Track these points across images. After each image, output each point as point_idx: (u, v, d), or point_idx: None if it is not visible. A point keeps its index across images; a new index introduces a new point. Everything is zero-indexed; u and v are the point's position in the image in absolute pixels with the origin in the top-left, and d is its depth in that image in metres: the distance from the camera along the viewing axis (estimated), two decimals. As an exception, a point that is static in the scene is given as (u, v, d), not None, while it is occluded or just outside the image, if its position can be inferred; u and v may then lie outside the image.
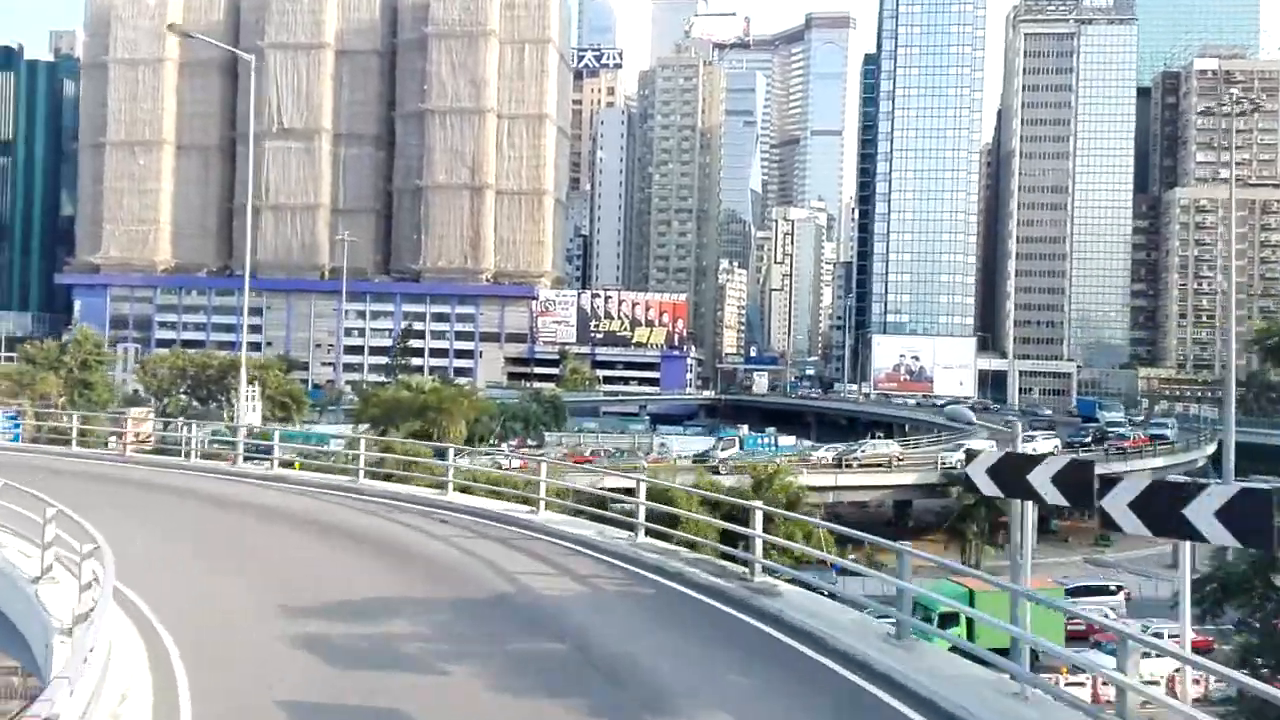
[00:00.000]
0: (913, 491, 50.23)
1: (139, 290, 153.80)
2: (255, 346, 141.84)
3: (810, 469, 47.55)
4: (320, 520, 15.03)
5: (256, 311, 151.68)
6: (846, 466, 48.70)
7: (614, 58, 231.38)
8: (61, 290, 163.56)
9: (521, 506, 16.29)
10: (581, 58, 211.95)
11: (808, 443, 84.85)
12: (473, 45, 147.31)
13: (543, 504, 15.69)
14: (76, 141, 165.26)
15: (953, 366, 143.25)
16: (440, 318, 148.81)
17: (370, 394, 72.44)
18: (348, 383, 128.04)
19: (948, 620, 27.44)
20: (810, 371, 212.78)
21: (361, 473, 18.00)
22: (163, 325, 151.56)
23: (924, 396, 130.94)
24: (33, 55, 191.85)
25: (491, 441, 77.42)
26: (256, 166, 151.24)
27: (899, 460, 50.66)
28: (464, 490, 18.10)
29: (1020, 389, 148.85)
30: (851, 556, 46.83)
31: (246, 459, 20.51)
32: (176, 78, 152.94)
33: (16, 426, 54.99)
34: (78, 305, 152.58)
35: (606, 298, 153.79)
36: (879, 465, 49.79)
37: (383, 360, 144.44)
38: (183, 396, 79.62)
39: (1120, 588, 41.75)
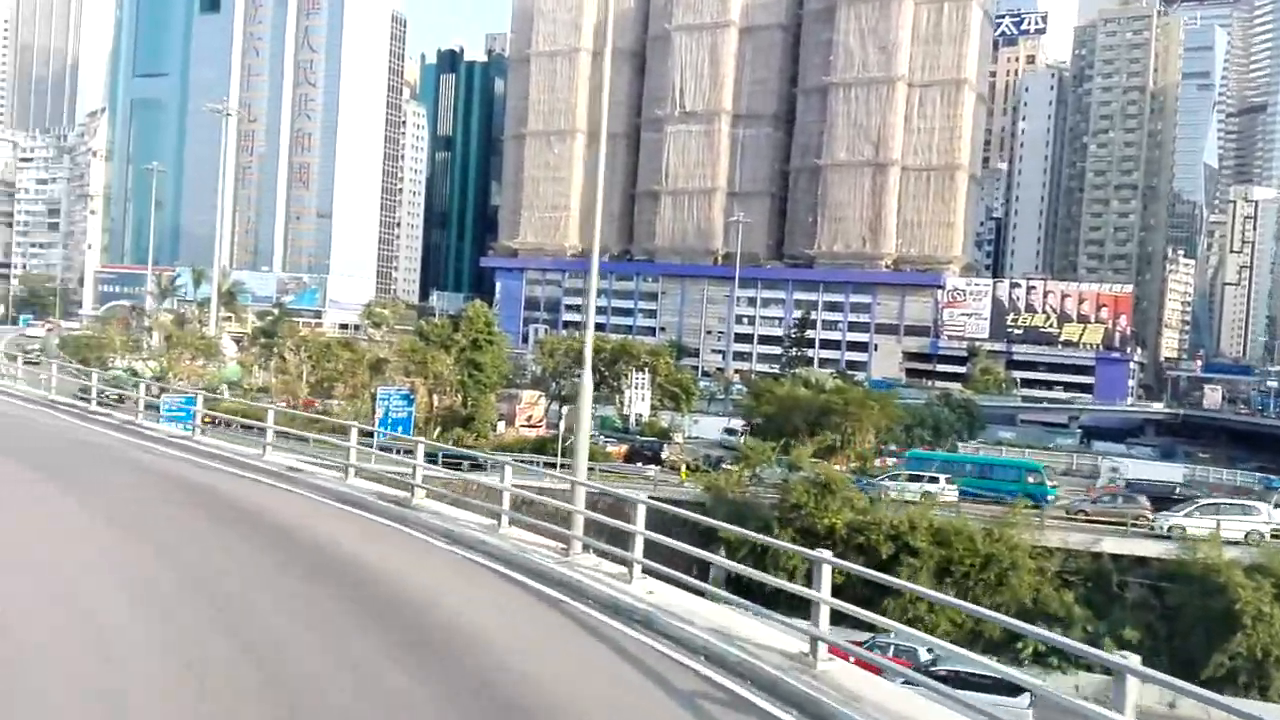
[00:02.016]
0: None
1: (549, 274, 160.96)
2: (649, 331, 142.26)
3: None
4: None
5: (652, 296, 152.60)
6: None
7: (1035, 22, 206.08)
8: (488, 273, 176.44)
9: None
10: (998, 25, 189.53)
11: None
12: (885, 9, 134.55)
13: None
14: (504, 134, 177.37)
15: None
16: (833, 306, 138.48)
17: (762, 388, 63.95)
18: (736, 372, 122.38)
19: None
20: (1274, 384, 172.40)
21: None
22: (569, 308, 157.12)
23: None
24: (471, 57, 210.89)
25: (892, 449, 65.88)
26: (657, 151, 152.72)
27: None
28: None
29: None
30: None
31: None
32: (590, 67, 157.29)
33: (409, 405, 53.62)
34: (499, 287, 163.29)
35: (1029, 288, 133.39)
36: None
37: (772, 350, 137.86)
38: (576, 379, 76.76)
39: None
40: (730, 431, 67.84)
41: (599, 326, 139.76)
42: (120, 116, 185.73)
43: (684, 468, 42.04)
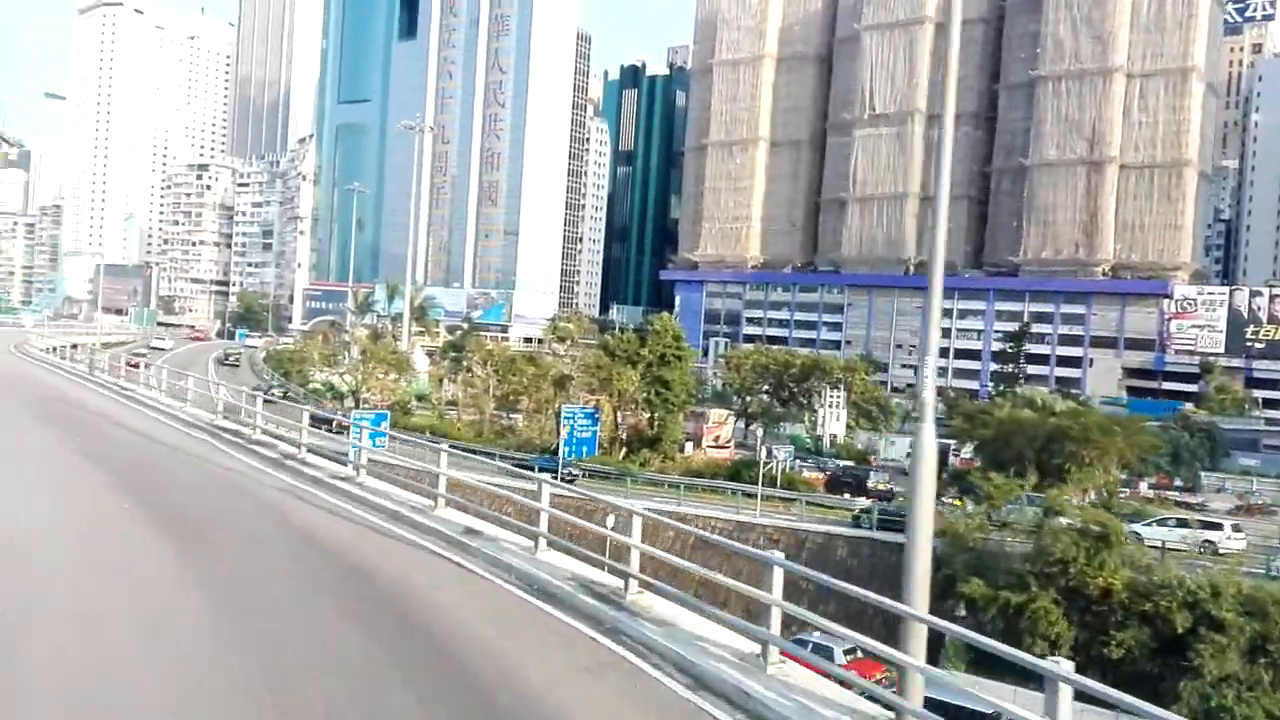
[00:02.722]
0: None
1: (729, 286, 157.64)
2: (834, 345, 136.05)
3: None
4: None
5: (837, 309, 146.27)
6: None
7: (1263, 7, 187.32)
8: (667, 286, 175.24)
9: None
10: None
11: None
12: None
13: None
14: (685, 147, 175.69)
15: None
16: (1041, 317, 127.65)
17: (976, 409, 57.50)
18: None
19: None
20: None
21: None
22: (749, 321, 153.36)
23: None
24: (652, 72, 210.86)
25: (1121, 477, 57.71)
26: (844, 157, 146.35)
27: None
28: None
29: None
30: None
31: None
32: (773, 74, 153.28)
33: (594, 424, 51.15)
34: (678, 300, 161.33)
35: (1273, 296, 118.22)
36: None
37: (969, 365, 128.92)
38: (764, 396, 72.62)
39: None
40: (915, 457, 61.21)
41: (779, 340, 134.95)
42: (327, 141, 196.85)
43: (900, 501, 36.97)
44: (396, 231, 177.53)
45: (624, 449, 50.76)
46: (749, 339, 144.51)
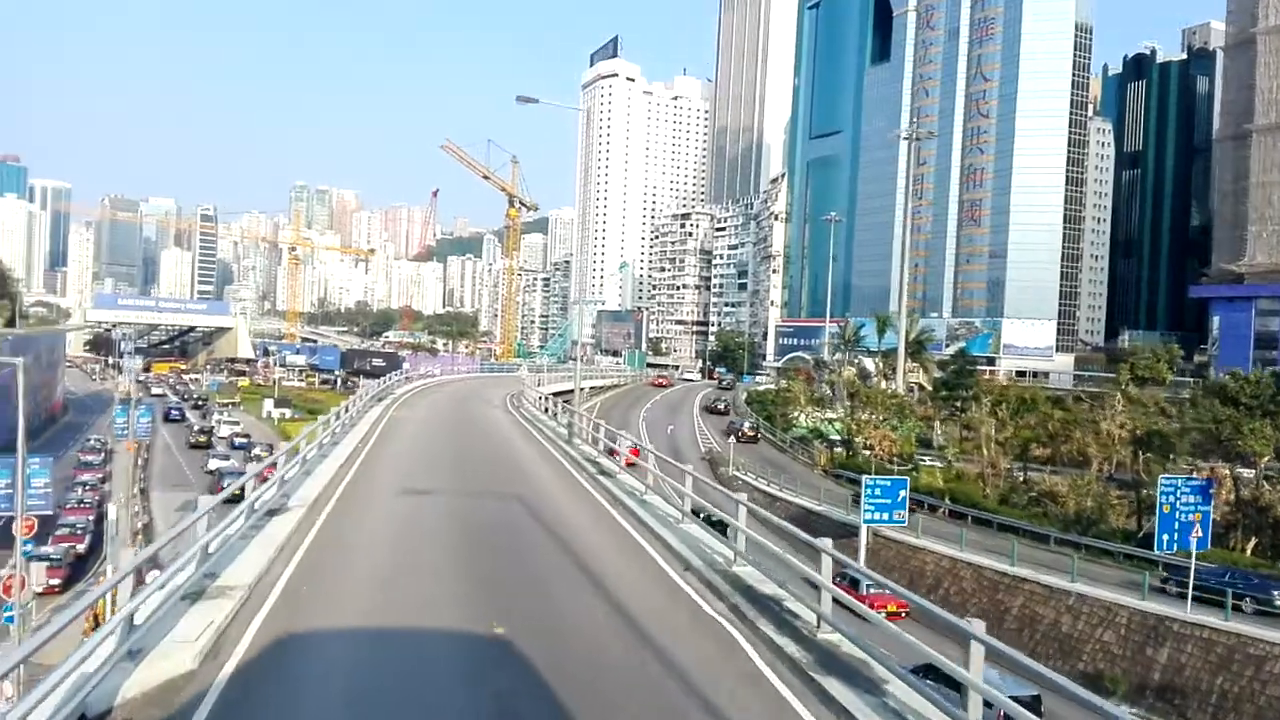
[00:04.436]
0: None
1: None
2: None
3: None
4: None
5: None
6: None
7: None
8: (1190, 306, 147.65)
9: None
10: None
11: None
12: None
13: None
14: (1209, 141, 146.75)
15: None
16: None
17: None
18: None
19: None
20: None
21: None
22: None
23: None
24: (1164, 59, 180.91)
25: None
26: None
27: None
28: None
29: None
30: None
31: None
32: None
33: (1206, 502, 37.56)
34: (1215, 322, 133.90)
35: None
36: None
37: None
38: None
39: None
40: None
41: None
42: (798, 179, 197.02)
43: None
44: (867, 263, 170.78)
45: (1252, 538, 36.41)
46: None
